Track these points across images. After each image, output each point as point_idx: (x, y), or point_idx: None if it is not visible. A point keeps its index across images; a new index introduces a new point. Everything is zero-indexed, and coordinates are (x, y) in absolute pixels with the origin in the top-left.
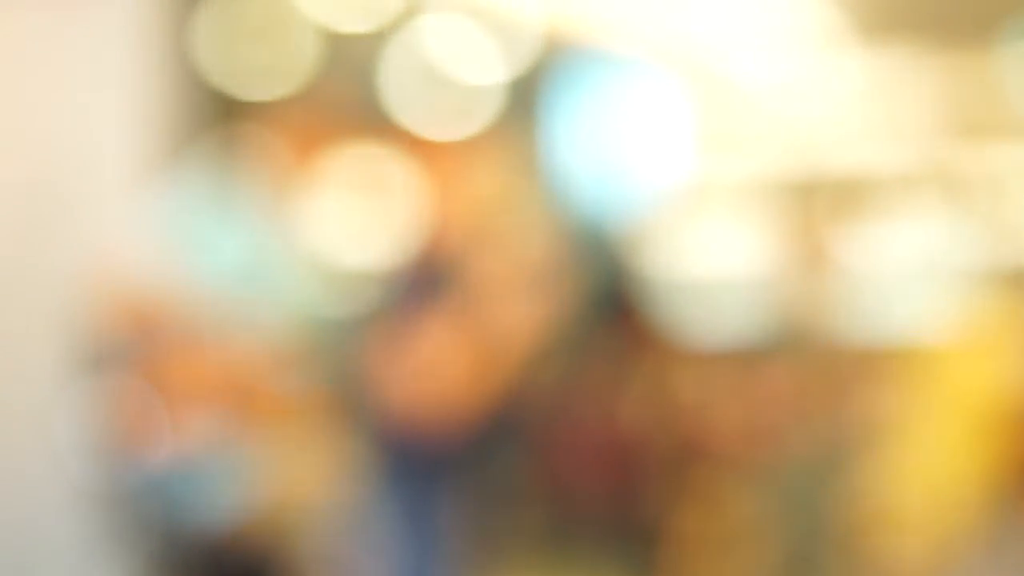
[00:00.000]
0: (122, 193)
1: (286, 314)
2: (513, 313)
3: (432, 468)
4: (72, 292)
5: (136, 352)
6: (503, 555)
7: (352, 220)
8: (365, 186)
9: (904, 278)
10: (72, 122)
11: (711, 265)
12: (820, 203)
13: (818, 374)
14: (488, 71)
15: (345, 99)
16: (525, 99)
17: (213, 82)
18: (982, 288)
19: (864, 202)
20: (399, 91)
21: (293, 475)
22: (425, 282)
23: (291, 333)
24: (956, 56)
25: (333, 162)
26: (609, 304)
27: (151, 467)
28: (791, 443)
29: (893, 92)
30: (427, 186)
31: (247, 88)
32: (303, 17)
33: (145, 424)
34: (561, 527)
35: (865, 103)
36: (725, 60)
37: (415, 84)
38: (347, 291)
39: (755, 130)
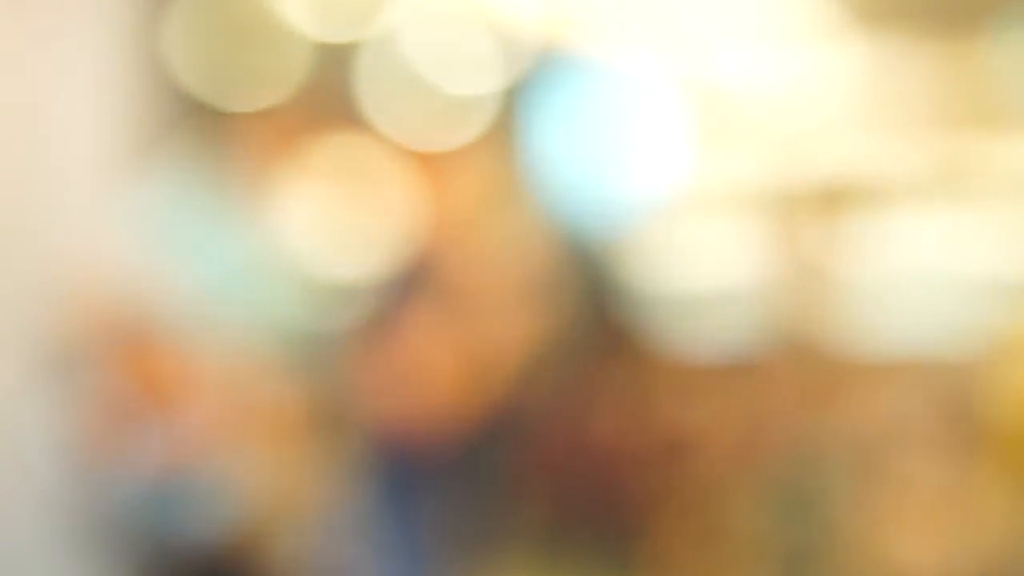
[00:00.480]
0: (96, 196)
1: (268, 321)
2: (501, 322)
3: (421, 477)
4: (45, 297)
5: (109, 358)
6: (492, 563)
7: (336, 229)
8: (349, 194)
9: (907, 285)
10: (44, 125)
11: (704, 275)
12: (817, 210)
13: (814, 385)
14: (476, 80)
15: (327, 107)
16: (513, 108)
17: (190, 86)
18: (991, 295)
19: (864, 206)
20: (384, 100)
21: (281, 486)
22: (413, 291)
23: (275, 341)
24: (956, 45)
25: (314, 169)
26: (598, 315)
27: (128, 479)
28: (785, 455)
29: (893, 84)
30: (414, 196)
31: (227, 93)
32: (283, 24)
33: (120, 433)
34: (549, 536)
35: (864, 98)
36: (717, 63)
37: (401, 94)
38: (334, 300)
39: (749, 136)
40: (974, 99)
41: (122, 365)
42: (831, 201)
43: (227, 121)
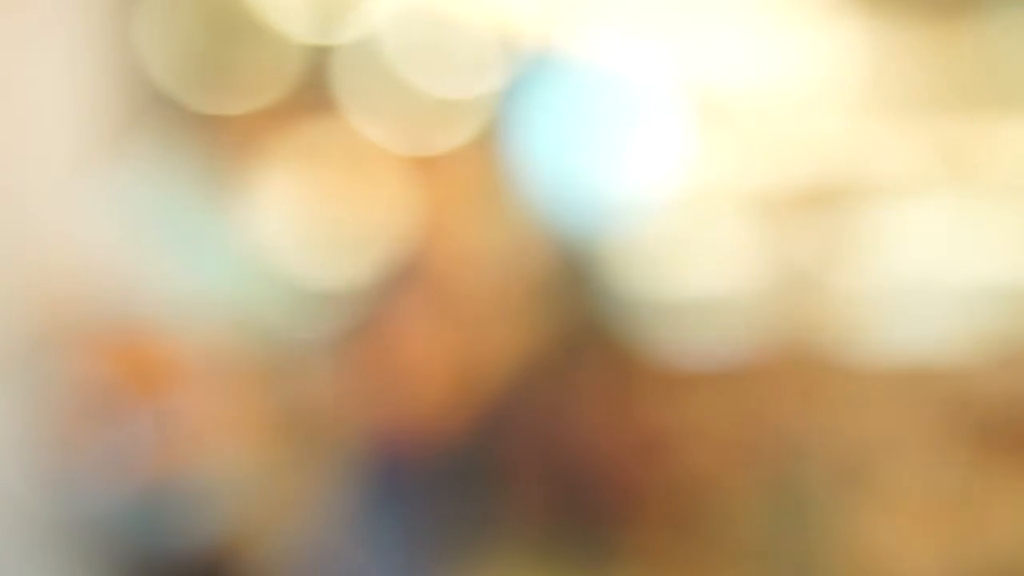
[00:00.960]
0: (72, 189)
1: (252, 321)
2: (491, 325)
3: (410, 479)
4: (20, 290)
5: (85, 354)
6: (482, 565)
7: (323, 230)
8: (335, 196)
9: (906, 289)
10: (18, 117)
11: (697, 278)
12: (812, 212)
13: (809, 389)
14: (465, 82)
15: (311, 106)
16: (502, 110)
17: (166, 82)
18: (992, 299)
19: (861, 206)
20: (371, 102)
21: (269, 489)
22: (402, 294)
23: (259, 342)
24: (954, 27)
25: (298, 169)
26: (589, 318)
27: (106, 482)
28: (779, 459)
29: (891, 70)
30: (402, 198)
31: (205, 90)
32: (263, 21)
33: (97, 433)
34: (541, 538)
35: (861, 86)
36: (710, 59)
37: (388, 96)
38: (320, 301)
39: (742, 136)
40: (974, 84)
41: (99, 361)
42: (827, 202)
43: (207, 116)
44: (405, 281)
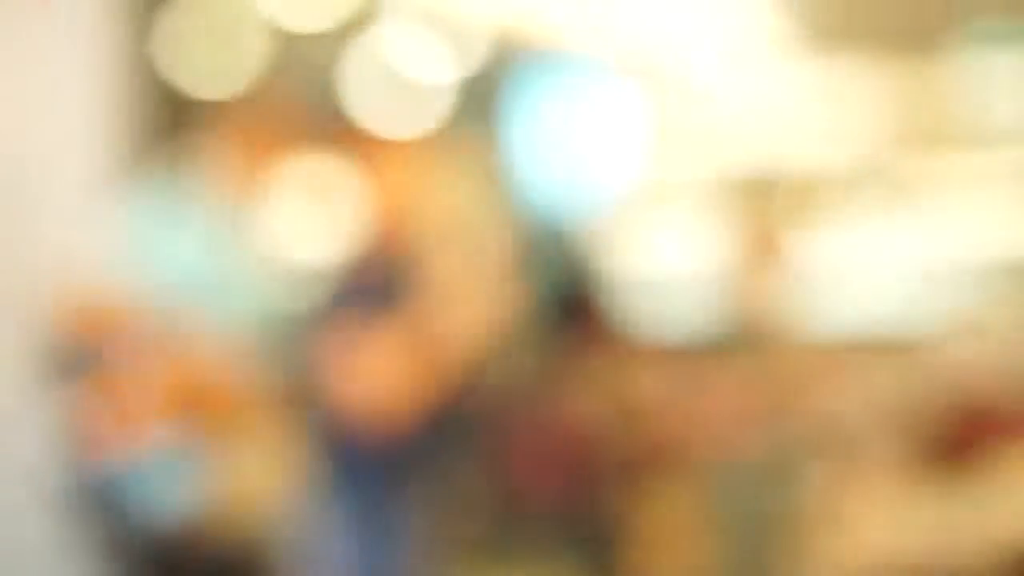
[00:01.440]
0: (81, 197)
1: (240, 317)
2: (466, 313)
3: (383, 468)
4: (32, 297)
5: (96, 356)
6: (456, 555)
7: (304, 220)
8: (318, 186)
9: (855, 277)
10: (31, 125)
11: (667, 263)
12: (773, 202)
13: (773, 372)
14: (443, 72)
15: (300, 100)
16: (481, 100)
17: (172, 85)
18: (931, 287)
19: (816, 202)
20: (355, 92)
21: (248, 476)
22: (376, 282)
23: (245, 336)
24: (906, 62)
25: (287, 163)
26: (565, 303)
27: (111, 469)
28: (745, 442)
29: (843, 97)
30: (380, 186)
31: (205, 90)
32: (259, 17)
33: (105, 428)
34: (515, 527)
35: (816, 107)
36: (681, 62)
37: (370, 85)
38: (297, 291)
39: (710, 131)
40: (922, 112)
41: (106, 360)
42: (788, 196)
43: (208, 117)
44: (384, 267)
